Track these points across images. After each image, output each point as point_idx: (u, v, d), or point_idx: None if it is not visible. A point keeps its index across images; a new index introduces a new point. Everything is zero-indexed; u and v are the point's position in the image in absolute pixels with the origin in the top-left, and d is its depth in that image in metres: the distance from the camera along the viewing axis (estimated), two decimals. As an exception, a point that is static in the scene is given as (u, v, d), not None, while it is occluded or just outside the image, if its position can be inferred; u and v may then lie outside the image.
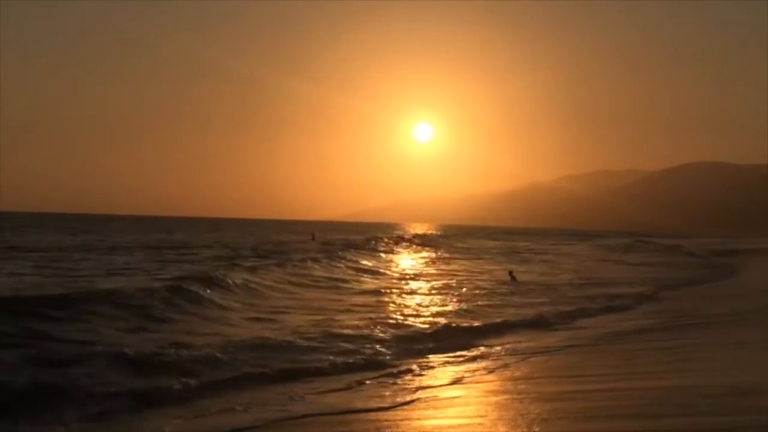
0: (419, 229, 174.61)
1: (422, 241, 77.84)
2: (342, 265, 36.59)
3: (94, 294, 17.67)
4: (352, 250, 46.93)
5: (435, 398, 10.16)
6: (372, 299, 23.15)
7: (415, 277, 34.67)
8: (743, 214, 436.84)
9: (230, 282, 23.13)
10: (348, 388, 11.04)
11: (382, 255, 50.06)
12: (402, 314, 19.27)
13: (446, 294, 25.55)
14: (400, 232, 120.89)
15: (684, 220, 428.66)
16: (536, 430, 7.70)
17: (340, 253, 42.18)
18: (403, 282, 31.17)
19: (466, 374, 12.03)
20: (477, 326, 17.40)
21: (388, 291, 26.41)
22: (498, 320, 18.52)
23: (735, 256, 61.03)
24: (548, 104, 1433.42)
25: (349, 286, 28.31)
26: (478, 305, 21.77)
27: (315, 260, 35.57)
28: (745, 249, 74.51)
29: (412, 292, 26.42)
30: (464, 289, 27.42)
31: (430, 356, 13.91)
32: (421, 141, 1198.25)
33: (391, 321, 17.60)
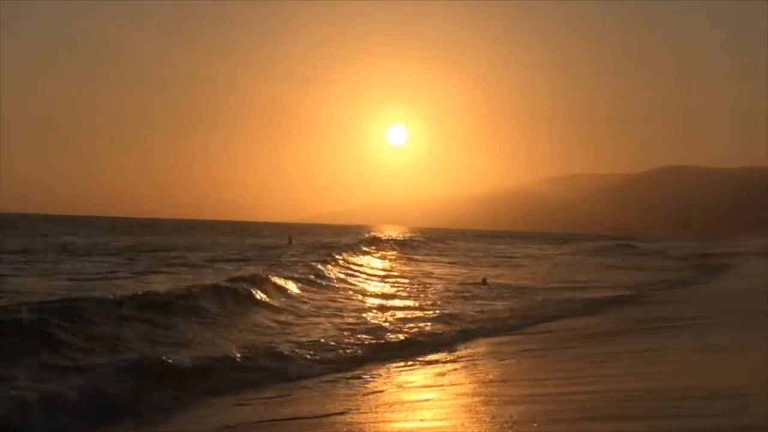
0: (393, 231, 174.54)
1: (396, 245, 77.75)
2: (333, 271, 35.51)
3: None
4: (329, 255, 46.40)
5: (404, 401, 10.14)
6: (338, 303, 22.91)
7: (385, 278, 34.50)
8: (717, 217, 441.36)
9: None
10: (316, 390, 11.06)
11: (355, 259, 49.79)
12: (371, 318, 19.19)
13: (417, 297, 25.47)
14: (377, 235, 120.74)
15: (659, 223, 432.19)
16: (508, 432, 7.65)
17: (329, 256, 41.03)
18: (372, 284, 31.03)
19: (437, 377, 12.02)
20: (446, 330, 17.33)
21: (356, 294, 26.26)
22: (468, 323, 18.47)
23: (714, 258, 61.53)
24: (525, 108, 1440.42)
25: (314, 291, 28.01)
26: (447, 308, 21.66)
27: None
28: (722, 252, 75.07)
29: (383, 295, 26.27)
30: (433, 293, 27.36)
31: (399, 360, 13.89)
32: (396, 143, 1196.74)
33: (361, 325, 17.49)
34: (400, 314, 19.96)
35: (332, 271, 31.96)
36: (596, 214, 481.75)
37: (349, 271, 34.97)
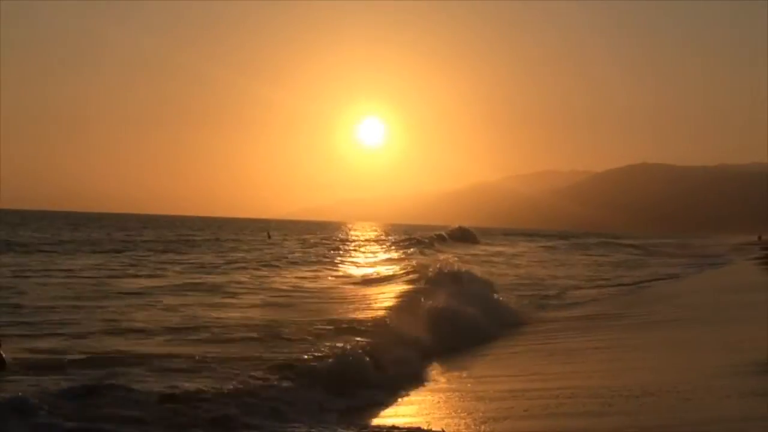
0: (368, 228, 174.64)
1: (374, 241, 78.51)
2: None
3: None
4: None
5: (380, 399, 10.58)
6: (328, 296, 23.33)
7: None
8: (687, 214, 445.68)
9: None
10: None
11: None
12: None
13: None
14: (359, 233, 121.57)
15: (628, 219, 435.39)
16: (483, 428, 8.26)
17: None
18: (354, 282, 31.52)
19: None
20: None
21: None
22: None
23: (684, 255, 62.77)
24: (494, 104, 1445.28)
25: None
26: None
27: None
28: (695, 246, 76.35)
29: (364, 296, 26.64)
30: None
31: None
32: (369, 140, 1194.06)
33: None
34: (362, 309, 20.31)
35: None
36: (563, 210, 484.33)
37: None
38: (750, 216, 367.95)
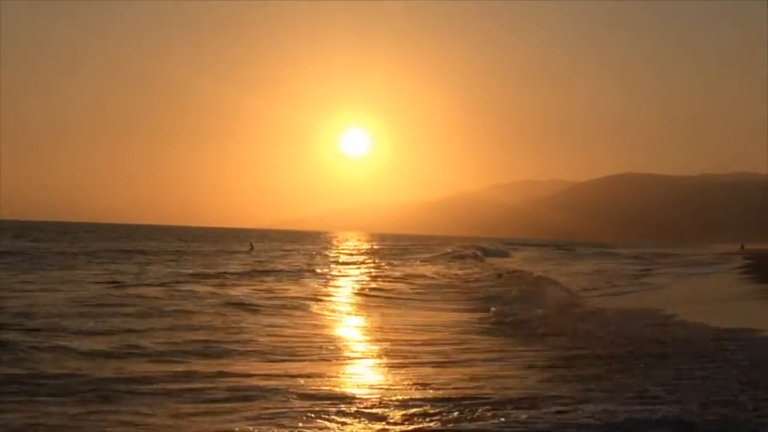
0: (356, 238, 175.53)
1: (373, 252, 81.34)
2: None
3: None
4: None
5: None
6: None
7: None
8: (669, 223, 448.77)
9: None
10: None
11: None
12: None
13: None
14: (352, 243, 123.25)
15: (610, 228, 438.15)
16: None
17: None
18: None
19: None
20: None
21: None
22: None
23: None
24: (475, 115, 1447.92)
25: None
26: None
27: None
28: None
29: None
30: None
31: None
32: (353, 150, 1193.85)
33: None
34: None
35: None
36: (544, 219, 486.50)
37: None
38: (733, 226, 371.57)
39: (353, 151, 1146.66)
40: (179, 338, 17.48)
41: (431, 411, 10.50)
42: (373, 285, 37.22)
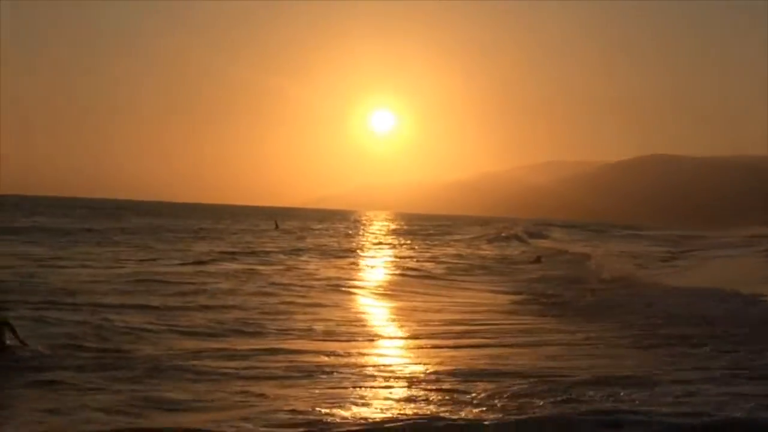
0: (384, 217, 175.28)
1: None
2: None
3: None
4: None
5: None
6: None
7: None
8: (697, 206, 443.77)
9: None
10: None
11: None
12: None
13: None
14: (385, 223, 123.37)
15: (637, 211, 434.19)
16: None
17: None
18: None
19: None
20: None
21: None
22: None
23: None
24: (501, 95, 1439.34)
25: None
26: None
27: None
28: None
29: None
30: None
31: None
32: (377, 128, 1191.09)
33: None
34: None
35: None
36: (570, 200, 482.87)
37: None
38: (762, 208, 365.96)
39: (380, 132, 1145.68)
40: (222, 317, 17.24)
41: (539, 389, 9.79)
42: (411, 264, 36.71)
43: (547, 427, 8.71)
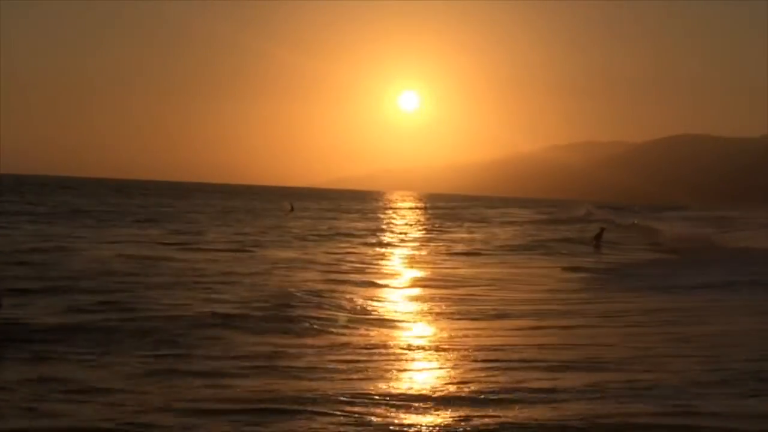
0: (407, 199, 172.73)
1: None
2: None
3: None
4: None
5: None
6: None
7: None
8: (730, 186, 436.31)
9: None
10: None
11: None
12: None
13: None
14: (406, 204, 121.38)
15: (672, 191, 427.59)
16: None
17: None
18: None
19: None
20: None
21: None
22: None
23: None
24: (533, 74, 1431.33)
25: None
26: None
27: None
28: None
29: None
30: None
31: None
32: (405, 108, 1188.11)
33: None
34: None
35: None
36: (603, 181, 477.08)
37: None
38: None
39: (409, 111, 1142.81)
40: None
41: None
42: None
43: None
